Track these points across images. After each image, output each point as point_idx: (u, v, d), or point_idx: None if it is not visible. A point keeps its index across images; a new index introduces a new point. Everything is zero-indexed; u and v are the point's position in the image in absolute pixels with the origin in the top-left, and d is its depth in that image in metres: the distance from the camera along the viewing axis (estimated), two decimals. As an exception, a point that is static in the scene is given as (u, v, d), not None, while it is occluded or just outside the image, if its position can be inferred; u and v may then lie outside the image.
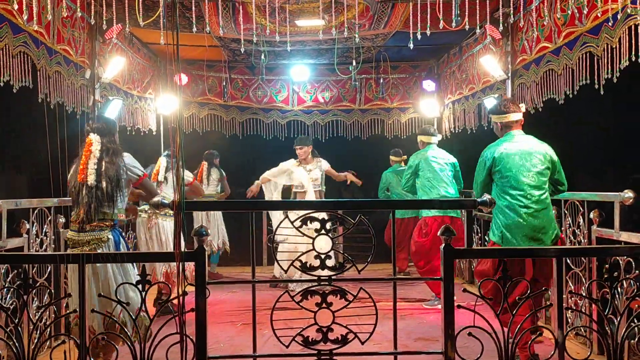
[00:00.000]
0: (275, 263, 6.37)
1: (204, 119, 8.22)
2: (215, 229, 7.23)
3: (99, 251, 3.38)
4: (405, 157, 7.68)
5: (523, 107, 4.45)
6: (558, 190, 3.93)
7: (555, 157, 3.83)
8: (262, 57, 6.70)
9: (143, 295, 2.50)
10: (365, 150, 9.34)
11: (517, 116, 3.88)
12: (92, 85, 5.29)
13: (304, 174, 6.44)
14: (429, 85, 7.95)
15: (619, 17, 3.54)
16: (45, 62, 4.26)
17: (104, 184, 3.43)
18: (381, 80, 8.14)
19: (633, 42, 3.50)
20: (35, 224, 4.12)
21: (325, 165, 6.61)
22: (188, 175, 5.57)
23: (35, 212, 4.14)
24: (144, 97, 6.97)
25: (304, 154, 6.52)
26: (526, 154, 3.75)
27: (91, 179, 3.44)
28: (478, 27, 3.81)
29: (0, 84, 3.72)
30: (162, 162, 5.48)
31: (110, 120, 3.83)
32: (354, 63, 6.76)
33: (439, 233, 2.61)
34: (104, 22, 4.09)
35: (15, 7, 3.74)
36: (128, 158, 3.66)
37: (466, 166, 5.54)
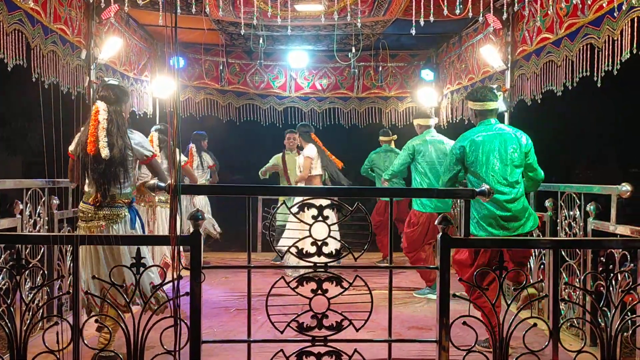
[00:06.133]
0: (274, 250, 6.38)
1: (200, 103, 8.15)
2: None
3: (114, 227, 3.38)
4: (395, 136, 7.62)
5: (500, 96, 4.43)
6: (529, 177, 3.95)
7: (529, 145, 3.88)
8: (261, 41, 6.63)
9: (137, 278, 2.48)
10: (362, 138, 9.31)
11: (494, 105, 3.93)
12: (87, 66, 5.22)
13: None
14: (427, 74, 7.91)
15: (623, 7, 3.51)
16: (40, 41, 4.19)
17: (116, 159, 3.36)
18: (379, 69, 8.09)
19: (635, 34, 3.48)
20: (28, 205, 4.09)
21: (300, 159, 6.50)
22: (181, 159, 5.48)
23: (29, 192, 4.11)
24: (140, 80, 6.90)
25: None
26: (502, 142, 3.80)
27: (105, 152, 3.33)
28: (481, 15, 3.77)
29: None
30: (154, 137, 5.39)
31: (118, 89, 3.59)
32: (353, 50, 6.71)
33: (436, 222, 2.60)
34: (102, 1, 4.03)
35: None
36: (138, 136, 3.60)
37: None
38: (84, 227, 3.45)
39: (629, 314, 2.65)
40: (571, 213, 4.37)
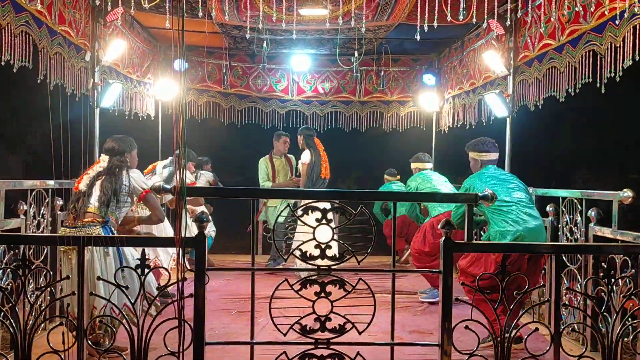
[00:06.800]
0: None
1: (203, 106, 8.18)
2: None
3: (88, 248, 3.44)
4: (399, 176, 7.77)
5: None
6: None
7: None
8: (265, 45, 6.66)
9: (142, 280, 2.49)
10: (363, 142, 9.34)
11: (494, 155, 4.20)
12: (91, 68, 5.25)
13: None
14: (429, 79, 7.94)
15: (625, 15, 3.54)
16: (47, 42, 4.22)
17: (95, 192, 3.61)
18: (382, 73, 8.12)
19: (637, 41, 3.50)
20: (32, 206, 4.10)
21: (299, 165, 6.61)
22: (189, 178, 5.56)
23: (33, 193, 4.12)
24: (143, 82, 6.92)
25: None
26: (506, 180, 4.04)
27: (82, 186, 3.67)
28: (486, 21, 3.80)
29: (1, 64, 3.68)
30: (158, 166, 5.45)
31: (122, 142, 3.87)
32: (356, 54, 6.73)
33: (439, 226, 2.62)
34: (109, 4, 4.06)
35: (18, -15, 3.70)
36: (136, 174, 3.80)
37: (464, 162, 5.55)
38: (61, 251, 3.66)
39: (630, 319, 2.66)
40: (572, 218, 4.39)
